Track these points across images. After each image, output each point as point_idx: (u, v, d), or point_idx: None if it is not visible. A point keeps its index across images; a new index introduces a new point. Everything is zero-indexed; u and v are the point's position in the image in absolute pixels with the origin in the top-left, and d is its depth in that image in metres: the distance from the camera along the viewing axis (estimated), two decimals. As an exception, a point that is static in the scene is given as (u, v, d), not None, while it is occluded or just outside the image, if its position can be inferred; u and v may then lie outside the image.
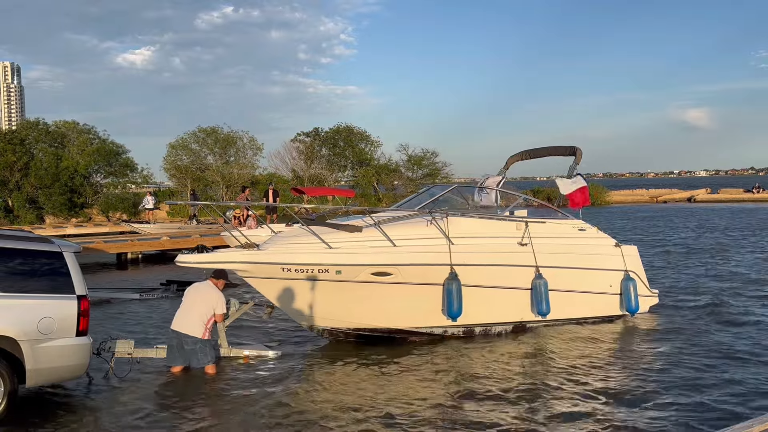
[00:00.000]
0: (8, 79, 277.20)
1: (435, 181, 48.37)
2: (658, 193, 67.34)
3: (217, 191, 46.01)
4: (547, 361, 9.11)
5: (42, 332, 7.05)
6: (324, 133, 55.19)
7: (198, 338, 8.53)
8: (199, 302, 8.70)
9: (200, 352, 8.53)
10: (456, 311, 9.70)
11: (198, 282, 9.08)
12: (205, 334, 8.61)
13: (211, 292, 8.78)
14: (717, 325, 11.01)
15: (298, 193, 25.45)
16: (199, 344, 8.52)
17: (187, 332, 8.54)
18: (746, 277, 15.95)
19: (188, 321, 8.61)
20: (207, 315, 8.67)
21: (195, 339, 8.52)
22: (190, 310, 8.68)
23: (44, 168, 38.27)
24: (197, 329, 8.56)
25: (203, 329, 8.60)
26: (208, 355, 8.60)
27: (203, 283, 8.90)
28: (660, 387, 7.88)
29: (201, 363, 8.56)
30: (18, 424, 6.87)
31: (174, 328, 8.70)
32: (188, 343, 8.52)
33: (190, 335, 8.53)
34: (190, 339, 8.52)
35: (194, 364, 8.58)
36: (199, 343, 8.52)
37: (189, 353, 8.54)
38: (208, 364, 8.59)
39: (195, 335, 8.53)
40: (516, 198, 12.22)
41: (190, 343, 8.51)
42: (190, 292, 8.88)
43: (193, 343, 8.51)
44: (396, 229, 9.70)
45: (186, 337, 8.54)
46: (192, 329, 8.55)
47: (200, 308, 8.65)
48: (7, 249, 7.19)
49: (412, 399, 7.58)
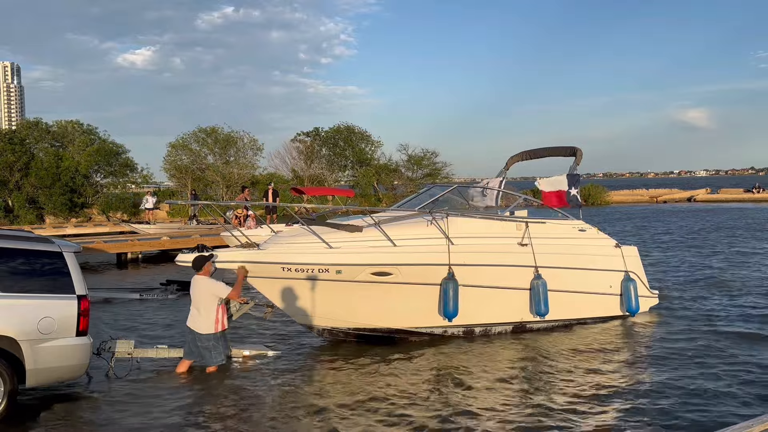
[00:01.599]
0: (8, 79, 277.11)
1: (435, 181, 48.34)
2: (658, 193, 67.30)
3: (217, 191, 45.98)
4: (546, 361, 9.11)
5: (42, 332, 7.05)
6: (324, 132, 55.17)
7: (211, 335, 8.57)
8: (199, 298, 8.67)
9: (213, 350, 8.58)
10: (452, 311, 9.70)
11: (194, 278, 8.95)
12: (217, 327, 8.62)
13: (205, 284, 8.64)
14: (717, 325, 11.00)
15: (297, 193, 25.43)
16: (212, 341, 8.57)
17: (200, 331, 8.59)
18: (747, 277, 15.94)
19: (198, 320, 8.63)
20: (212, 307, 8.61)
21: (208, 336, 8.56)
22: (197, 308, 8.68)
23: (44, 168, 38.23)
24: (209, 326, 8.59)
25: (214, 324, 8.61)
26: (222, 354, 8.65)
27: (195, 279, 8.77)
28: (659, 387, 7.88)
29: (213, 361, 8.59)
30: (18, 423, 6.87)
31: (189, 325, 8.75)
32: (201, 341, 8.57)
33: (202, 333, 8.57)
34: (203, 337, 8.56)
35: (207, 361, 8.62)
36: (212, 340, 8.57)
37: (203, 350, 8.59)
38: (218, 363, 8.62)
39: (208, 332, 8.58)
40: (516, 198, 12.22)
41: (204, 341, 8.56)
42: (192, 288, 8.84)
43: (207, 340, 8.56)
44: (396, 229, 9.69)
45: (199, 335, 8.58)
46: (204, 327, 8.59)
47: (204, 303, 8.62)
48: (8, 249, 7.19)
49: (412, 399, 7.58)
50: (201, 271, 8.72)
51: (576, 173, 11.84)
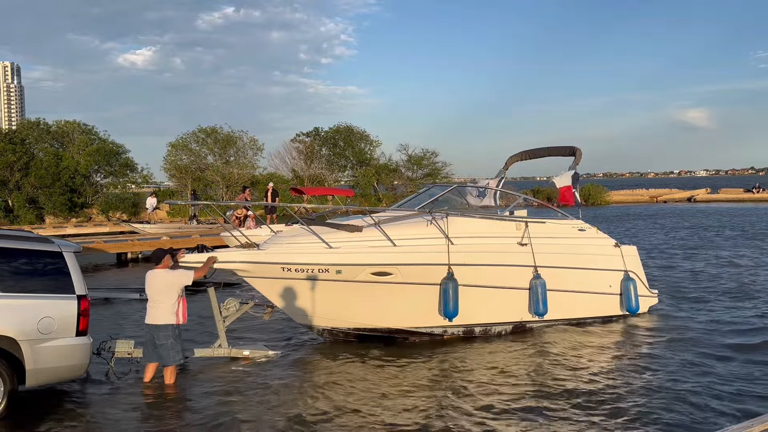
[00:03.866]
0: (8, 79, 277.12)
1: (435, 181, 48.35)
2: (658, 193, 67.30)
3: (217, 191, 45.98)
4: (545, 361, 9.11)
5: (42, 332, 7.05)
6: (324, 132, 55.17)
7: (170, 326, 8.21)
8: (157, 290, 8.31)
9: (172, 348, 8.21)
10: (452, 311, 9.70)
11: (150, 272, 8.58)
12: (178, 319, 8.29)
13: (165, 275, 8.35)
14: (717, 325, 11.01)
15: (297, 192, 25.43)
16: (172, 339, 8.22)
17: (158, 322, 8.22)
18: (747, 278, 15.94)
19: (157, 312, 8.26)
20: (173, 299, 8.28)
21: (167, 329, 8.20)
22: (156, 300, 8.31)
23: (44, 168, 38.23)
24: (169, 317, 8.24)
25: (174, 315, 8.27)
26: (179, 353, 8.30)
27: (153, 273, 8.43)
28: (659, 387, 7.88)
29: (171, 360, 8.25)
30: (18, 423, 6.87)
31: (148, 322, 8.38)
32: (160, 338, 8.22)
33: (162, 324, 8.21)
34: (162, 332, 8.20)
35: (164, 360, 8.27)
36: (171, 337, 8.22)
37: (160, 348, 8.23)
38: (176, 362, 8.31)
39: (167, 322, 8.22)
40: (516, 198, 12.23)
41: (163, 338, 8.20)
42: (149, 282, 8.45)
43: (166, 337, 8.20)
44: (396, 229, 9.70)
45: (158, 329, 8.22)
46: (162, 318, 8.22)
47: (165, 294, 8.28)
48: (8, 249, 7.20)
49: (412, 399, 7.59)
50: (160, 264, 8.45)
51: (575, 173, 11.87)
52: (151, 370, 8.43)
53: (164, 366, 8.31)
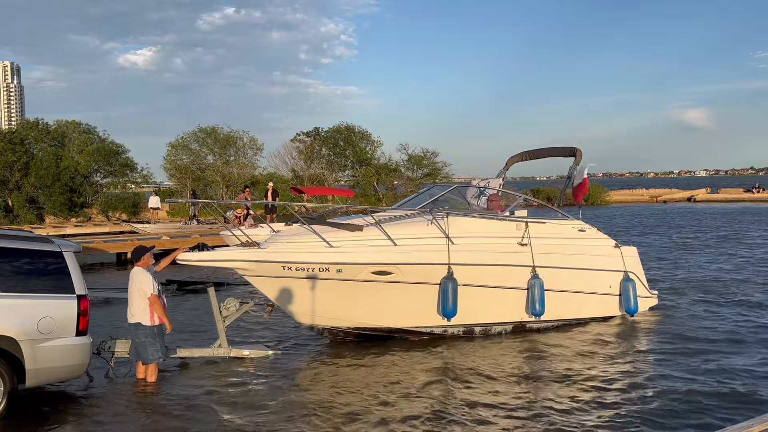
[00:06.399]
0: (8, 79, 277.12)
1: (435, 181, 48.31)
2: (657, 193, 67.29)
3: (217, 191, 45.94)
4: (545, 361, 9.11)
5: (42, 332, 7.05)
6: (324, 132, 55.12)
7: (147, 326, 8.23)
8: (132, 290, 8.39)
9: (150, 346, 8.22)
10: (451, 311, 9.70)
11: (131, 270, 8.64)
12: (153, 320, 8.29)
13: (138, 276, 8.38)
14: (716, 326, 11.01)
15: (297, 192, 25.42)
16: (149, 338, 8.23)
17: (136, 321, 8.28)
18: (747, 278, 15.94)
19: (134, 310, 8.32)
20: (144, 299, 8.31)
21: (145, 328, 8.23)
22: (132, 299, 8.38)
23: (44, 168, 38.20)
24: (144, 316, 8.26)
25: (148, 315, 8.28)
26: (159, 351, 8.28)
27: (133, 271, 8.51)
28: (658, 388, 7.88)
29: (150, 358, 8.26)
30: (18, 423, 6.87)
31: (128, 320, 8.44)
32: (138, 336, 8.25)
33: (140, 323, 8.25)
34: (140, 330, 8.24)
35: (143, 357, 8.30)
36: (149, 336, 8.23)
37: (138, 345, 8.27)
38: (155, 360, 8.30)
39: (144, 322, 8.25)
40: (516, 198, 12.22)
41: (141, 336, 8.24)
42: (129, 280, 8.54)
43: (144, 335, 8.23)
44: (397, 229, 9.69)
45: (136, 328, 8.27)
46: (140, 317, 8.27)
47: (137, 294, 8.33)
48: (7, 249, 7.19)
49: (413, 399, 7.59)
50: (140, 262, 8.47)
51: (582, 167, 11.91)
52: (141, 367, 8.50)
53: (144, 364, 8.38)
